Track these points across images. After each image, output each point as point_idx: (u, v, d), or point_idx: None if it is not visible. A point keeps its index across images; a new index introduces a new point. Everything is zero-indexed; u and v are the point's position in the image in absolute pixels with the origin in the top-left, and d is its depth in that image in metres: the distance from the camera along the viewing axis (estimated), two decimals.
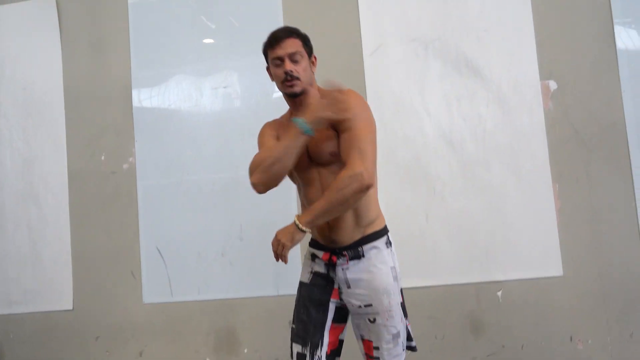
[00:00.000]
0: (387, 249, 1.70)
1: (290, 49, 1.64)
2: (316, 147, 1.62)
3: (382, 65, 2.65)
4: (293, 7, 2.76)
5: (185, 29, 2.83)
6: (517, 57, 2.58)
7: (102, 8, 2.90)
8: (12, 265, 2.87)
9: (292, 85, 1.63)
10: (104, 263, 2.82)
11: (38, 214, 2.86)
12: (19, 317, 2.87)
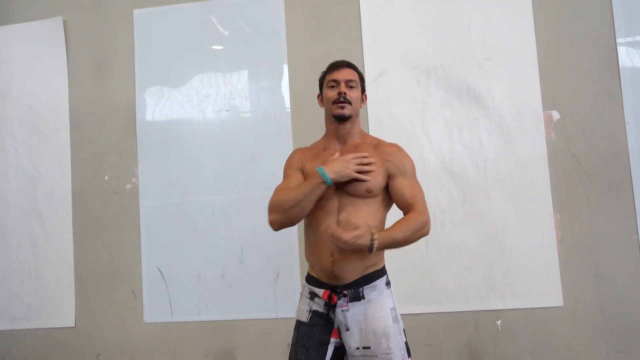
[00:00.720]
0: (387, 290, 1.72)
1: (348, 76, 1.74)
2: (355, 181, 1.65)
3: (384, 92, 2.65)
4: (296, 35, 2.77)
5: (189, 52, 2.85)
6: (519, 86, 2.57)
7: (108, 29, 2.93)
8: (15, 282, 2.91)
9: (342, 107, 1.69)
10: (106, 281, 2.85)
11: (42, 231, 2.90)
12: (21, 333, 2.91)
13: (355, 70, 1.78)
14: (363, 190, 1.65)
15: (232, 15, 2.84)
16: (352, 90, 1.73)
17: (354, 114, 1.73)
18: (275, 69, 2.78)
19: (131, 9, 2.90)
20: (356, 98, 1.73)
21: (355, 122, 1.76)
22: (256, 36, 2.81)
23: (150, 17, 2.90)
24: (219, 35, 2.84)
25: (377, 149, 1.73)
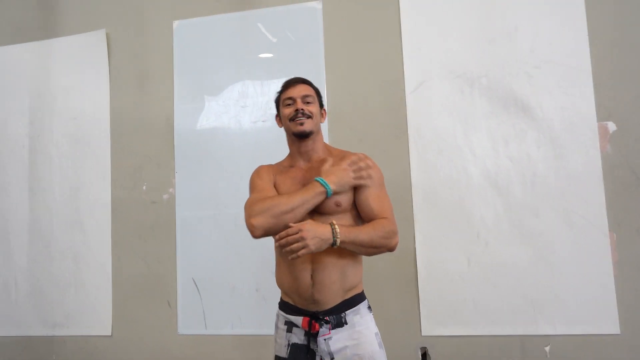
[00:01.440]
0: (370, 314, 1.66)
1: (304, 92, 1.69)
2: None
3: (425, 102, 2.54)
4: (334, 45, 2.71)
5: (227, 63, 2.84)
6: (571, 95, 2.41)
7: (149, 40, 2.97)
8: (56, 289, 2.97)
9: (302, 123, 1.63)
10: (142, 291, 2.86)
11: (82, 241, 2.94)
12: (61, 339, 2.96)
13: (311, 85, 1.74)
14: (332, 204, 1.58)
15: (270, 25, 2.81)
16: (310, 105, 1.67)
17: (315, 129, 1.67)
18: (313, 78, 2.71)
19: (171, 21, 2.92)
20: (314, 112, 1.67)
21: (317, 138, 1.70)
22: (293, 46, 2.77)
23: (189, 28, 2.92)
24: (259, 45, 2.82)
25: (342, 160, 1.63)
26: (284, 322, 1.67)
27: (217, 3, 2.88)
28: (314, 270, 1.57)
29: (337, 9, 2.74)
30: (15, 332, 3.02)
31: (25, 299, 3.01)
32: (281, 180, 1.67)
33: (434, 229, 2.48)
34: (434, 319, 2.45)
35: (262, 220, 1.51)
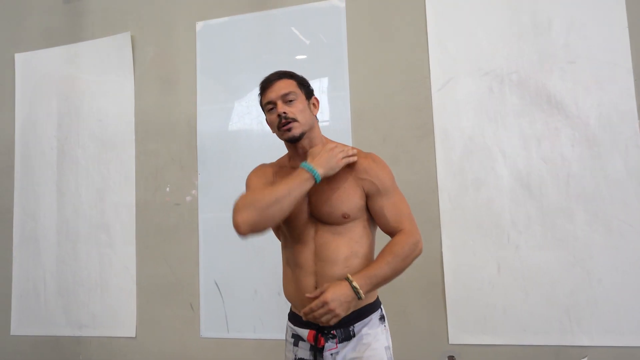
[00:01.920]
0: (381, 326, 1.52)
1: (282, 90, 1.50)
2: (326, 205, 1.47)
3: (452, 101, 2.44)
4: (357, 44, 2.64)
5: (248, 65, 2.81)
6: (609, 92, 2.26)
7: (173, 42, 2.97)
8: (83, 290, 3.00)
9: (289, 129, 1.47)
10: (166, 293, 2.85)
11: (108, 242, 2.97)
12: (87, 340, 2.98)
13: (290, 77, 1.55)
14: (338, 216, 1.46)
15: (291, 24, 2.76)
16: (292, 104, 1.49)
17: (306, 128, 1.50)
18: (336, 78, 2.66)
19: (194, 22, 2.92)
20: (301, 111, 1.49)
21: (312, 136, 1.53)
22: (315, 45, 2.71)
23: (211, 29, 2.90)
24: (280, 45, 2.78)
25: (350, 164, 1.48)
26: (292, 335, 1.59)
27: (239, 3, 2.85)
28: (318, 281, 1.46)
29: (360, 6, 2.67)
30: (45, 332, 3.07)
31: (54, 300, 3.06)
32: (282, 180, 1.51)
33: (461, 232, 2.38)
34: (461, 327, 2.35)
35: (246, 215, 1.36)
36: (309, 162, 1.42)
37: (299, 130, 1.48)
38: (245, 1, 2.85)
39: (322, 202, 1.48)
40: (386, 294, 2.42)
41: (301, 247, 1.50)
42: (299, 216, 1.49)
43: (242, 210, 1.37)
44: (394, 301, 2.44)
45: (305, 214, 1.50)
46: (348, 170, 1.49)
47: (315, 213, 1.49)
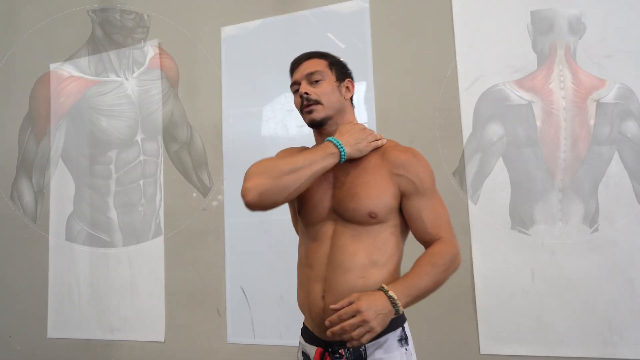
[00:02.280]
0: (401, 349, 1.26)
1: (307, 70, 1.35)
2: (351, 200, 1.26)
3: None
4: (382, 44, 2.58)
5: (272, 69, 2.80)
6: None
7: (198, 48, 2.99)
8: (114, 294, 3.04)
9: (310, 111, 1.32)
10: (193, 299, 2.86)
11: (138, 247, 3.00)
12: (118, 343, 3.03)
13: (320, 57, 1.39)
14: (364, 215, 1.24)
15: (316, 26, 2.73)
16: (317, 85, 1.33)
17: (332, 112, 1.33)
18: (360, 80, 2.61)
19: (219, 27, 2.93)
20: (325, 93, 1.32)
21: (341, 121, 1.35)
22: (338, 46, 2.67)
23: (236, 34, 2.90)
24: (305, 47, 2.74)
25: (385, 156, 1.31)
26: (302, 353, 1.37)
27: (262, 7, 2.84)
28: (326, 290, 1.26)
29: (384, 5, 2.61)
30: (78, 335, 3.13)
31: (87, 304, 3.12)
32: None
33: (492, 237, 2.28)
34: (493, 336, 2.24)
35: (258, 181, 1.21)
36: (338, 137, 1.27)
37: (321, 114, 1.32)
38: (268, 5, 2.84)
39: (348, 196, 1.28)
40: None
41: (315, 246, 1.31)
42: (317, 209, 1.31)
43: (254, 176, 1.23)
44: (421, 307, 2.34)
45: (325, 208, 1.31)
46: (382, 164, 1.30)
47: (338, 208, 1.29)
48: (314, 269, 1.29)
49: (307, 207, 1.32)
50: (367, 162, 1.31)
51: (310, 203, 1.32)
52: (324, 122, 1.34)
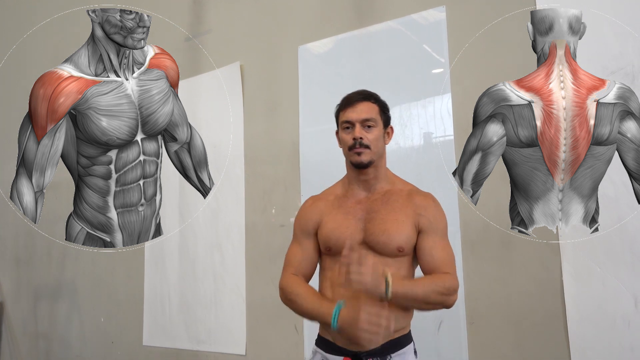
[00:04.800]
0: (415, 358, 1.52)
1: (364, 114, 1.52)
2: (384, 235, 1.46)
3: None
4: (459, 52, 2.46)
5: (349, 84, 2.78)
6: None
7: (277, 67, 3.07)
8: (200, 307, 3.18)
9: (359, 154, 1.50)
10: (272, 314, 2.89)
11: (221, 262, 3.12)
12: (204, 354, 3.14)
13: (374, 101, 1.56)
14: (394, 249, 1.46)
15: (388, 41, 2.69)
16: (370, 130, 1.51)
17: (375, 157, 1.52)
18: (434, 89, 2.51)
19: (297, 46, 2.99)
20: (375, 139, 1.51)
21: (379, 165, 1.56)
22: (414, 59, 2.60)
23: (312, 52, 2.95)
24: (379, 62, 2.72)
25: (409, 199, 1.53)
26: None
27: (339, 24, 2.86)
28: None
29: (462, 15, 2.49)
30: (169, 344, 3.31)
31: (176, 315, 3.29)
32: (329, 217, 1.56)
33: (586, 257, 2.05)
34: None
35: (283, 300, 1.61)
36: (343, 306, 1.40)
37: (368, 158, 1.51)
38: (344, 22, 2.84)
39: (379, 231, 1.47)
40: (500, 323, 2.18)
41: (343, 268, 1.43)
42: (351, 242, 1.47)
43: (281, 293, 1.62)
44: (509, 331, 2.18)
45: (357, 240, 1.49)
46: (408, 204, 1.51)
47: (369, 241, 1.48)
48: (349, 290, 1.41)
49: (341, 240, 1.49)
50: (395, 202, 1.52)
51: (344, 236, 1.49)
52: (368, 165, 1.52)
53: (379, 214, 1.50)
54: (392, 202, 1.52)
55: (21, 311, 4.24)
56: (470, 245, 2.31)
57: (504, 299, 2.21)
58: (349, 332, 1.37)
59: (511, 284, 2.20)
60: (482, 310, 2.26)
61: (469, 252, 2.31)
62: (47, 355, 4.02)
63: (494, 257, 2.25)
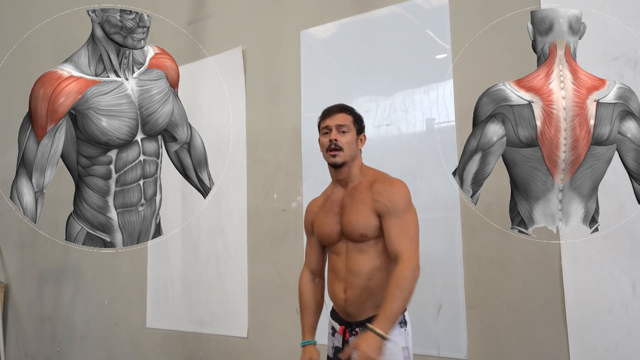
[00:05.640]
0: (400, 329, 1.72)
1: (339, 121, 1.79)
2: (349, 226, 1.75)
3: None
4: (462, 39, 2.45)
5: (351, 70, 2.79)
6: None
7: (279, 53, 3.07)
8: (203, 290, 3.22)
9: (334, 155, 1.76)
10: (274, 297, 2.93)
11: (224, 247, 3.15)
12: (206, 337, 3.19)
13: (349, 113, 1.82)
14: (358, 236, 1.74)
15: (391, 26, 2.67)
16: (344, 135, 1.78)
17: (348, 159, 1.78)
18: (437, 75, 2.50)
19: (298, 31, 2.98)
20: (349, 143, 1.77)
21: (352, 165, 1.81)
22: (415, 43, 2.59)
23: (315, 36, 2.93)
24: (382, 48, 2.70)
25: (371, 188, 1.76)
26: (331, 327, 1.90)
27: (341, 8, 2.84)
28: (346, 287, 1.77)
29: (465, 4, 2.47)
30: (172, 327, 3.36)
31: (180, 298, 3.33)
32: (318, 217, 1.88)
33: (585, 243, 2.06)
34: (586, 354, 2.03)
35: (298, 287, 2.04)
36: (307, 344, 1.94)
37: (341, 159, 1.77)
38: (346, 6, 2.83)
39: (346, 223, 1.77)
40: (499, 307, 2.21)
41: (336, 258, 1.83)
42: (332, 235, 1.81)
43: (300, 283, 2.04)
44: (507, 315, 2.21)
45: (337, 233, 1.80)
46: (367, 193, 1.75)
47: (344, 232, 1.79)
48: (338, 274, 1.81)
49: (325, 234, 1.85)
50: (359, 194, 1.77)
51: (326, 232, 1.84)
52: (342, 165, 1.79)
53: (347, 207, 1.77)
54: (357, 194, 1.77)
55: (26, 294, 4.30)
56: (470, 231, 2.33)
57: (503, 283, 2.24)
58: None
59: (511, 269, 2.22)
60: (482, 294, 2.28)
61: (470, 237, 2.33)
62: (52, 336, 4.08)
63: (494, 242, 2.27)
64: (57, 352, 4.03)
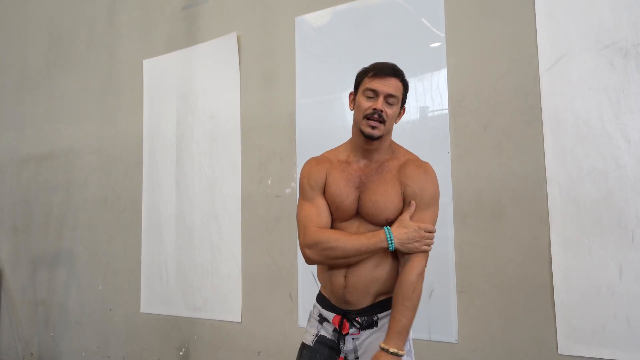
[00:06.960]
0: None
1: (391, 90, 1.54)
2: (374, 206, 1.54)
3: (564, 81, 2.16)
4: (457, 24, 2.46)
5: (345, 58, 2.79)
6: None
7: (274, 39, 3.06)
8: (197, 276, 3.24)
9: (374, 127, 1.53)
10: (268, 282, 2.96)
11: (218, 232, 3.16)
12: (200, 321, 3.22)
13: (402, 80, 1.58)
14: (382, 220, 1.55)
15: (386, 14, 2.68)
16: (391, 107, 1.54)
17: (386, 132, 1.57)
18: (431, 63, 2.52)
19: (293, 17, 2.97)
20: (392, 116, 1.55)
21: (385, 140, 1.60)
22: (410, 31, 2.59)
23: (310, 23, 2.93)
24: (377, 34, 2.71)
25: (402, 169, 1.58)
26: (318, 315, 1.70)
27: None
28: (347, 273, 1.58)
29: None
30: (166, 312, 3.38)
31: (174, 283, 3.35)
32: (333, 179, 1.60)
33: (574, 229, 2.10)
34: (573, 336, 2.08)
35: (315, 256, 1.56)
36: (392, 229, 1.51)
37: (379, 132, 1.54)
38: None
39: (370, 203, 1.55)
40: (489, 292, 2.25)
41: None
42: (348, 211, 1.58)
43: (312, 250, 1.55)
44: (497, 299, 2.25)
45: (352, 211, 1.58)
46: (398, 175, 1.57)
47: (362, 211, 1.57)
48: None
49: (342, 207, 1.58)
50: (388, 172, 1.58)
51: (342, 207, 1.58)
52: (377, 139, 1.56)
53: (372, 184, 1.57)
54: (385, 172, 1.58)
55: (20, 279, 4.30)
56: (462, 217, 2.36)
57: (493, 268, 2.28)
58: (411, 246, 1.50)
59: (501, 254, 2.26)
60: (472, 279, 2.32)
61: (461, 224, 2.36)
62: (45, 321, 4.09)
63: (485, 228, 2.31)
64: (50, 336, 4.05)
